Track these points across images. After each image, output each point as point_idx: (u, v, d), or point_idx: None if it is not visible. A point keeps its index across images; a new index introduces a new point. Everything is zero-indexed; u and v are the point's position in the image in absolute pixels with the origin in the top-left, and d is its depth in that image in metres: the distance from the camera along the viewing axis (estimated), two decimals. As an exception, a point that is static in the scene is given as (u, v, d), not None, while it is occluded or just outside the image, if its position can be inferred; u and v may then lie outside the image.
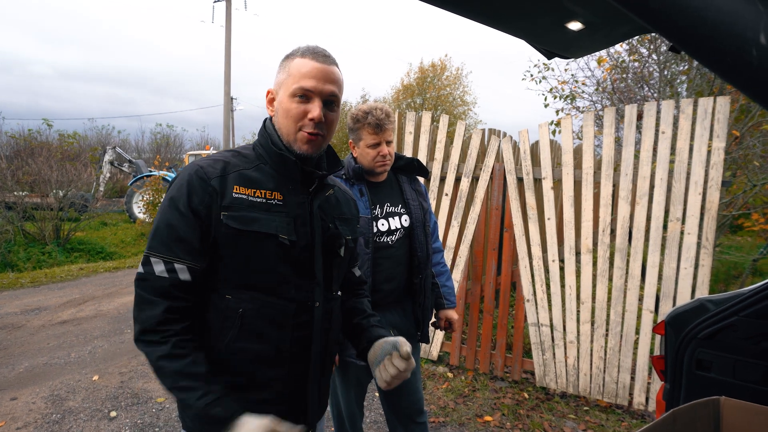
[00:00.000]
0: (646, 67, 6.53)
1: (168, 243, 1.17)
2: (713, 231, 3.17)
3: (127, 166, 17.92)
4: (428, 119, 4.12)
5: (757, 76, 0.29)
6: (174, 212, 1.17)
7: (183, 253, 1.17)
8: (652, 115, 3.31)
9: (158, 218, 1.20)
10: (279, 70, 1.29)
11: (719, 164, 3.10)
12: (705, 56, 0.31)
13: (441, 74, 27.25)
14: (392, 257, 2.10)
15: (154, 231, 1.19)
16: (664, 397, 1.64)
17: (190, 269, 1.17)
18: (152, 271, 1.16)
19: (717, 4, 0.29)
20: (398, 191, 2.18)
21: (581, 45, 1.34)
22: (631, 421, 3.34)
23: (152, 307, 1.14)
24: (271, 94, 1.31)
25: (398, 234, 2.12)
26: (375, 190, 2.12)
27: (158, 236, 1.18)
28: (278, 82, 1.28)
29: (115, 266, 8.53)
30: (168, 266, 1.16)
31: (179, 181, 1.20)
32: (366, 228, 2.02)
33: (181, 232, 1.17)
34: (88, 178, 13.94)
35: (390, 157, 2.05)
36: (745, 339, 1.32)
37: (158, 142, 28.58)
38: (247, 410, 1.15)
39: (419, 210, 2.18)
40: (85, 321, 5.39)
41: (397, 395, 2.20)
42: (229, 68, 20.30)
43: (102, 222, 14.16)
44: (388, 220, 2.10)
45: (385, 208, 2.11)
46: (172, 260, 1.16)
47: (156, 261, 1.16)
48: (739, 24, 0.29)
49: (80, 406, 3.48)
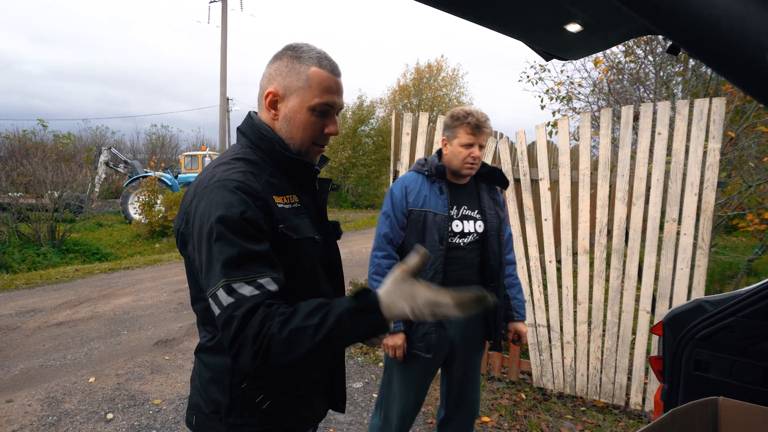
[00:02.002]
0: (642, 68, 6.56)
1: (242, 264, 1.04)
2: (709, 232, 3.18)
3: (123, 166, 17.87)
4: (425, 120, 4.12)
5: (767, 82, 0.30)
6: (233, 232, 1.05)
7: (261, 267, 1.06)
8: (649, 116, 3.32)
9: (216, 245, 1.05)
10: (287, 71, 1.19)
11: (715, 165, 3.11)
12: (718, 63, 0.32)
13: (437, 75, 27.28)
14: (463, 259, 2.11)
15: (224, 260, 1.04)
16: (662, 397, 1.65)
17: (274, 279, 1.06)
18: (243, 295, 1.02)
19: (731, 11, 0.29)
20: (476, 197, 2.19)
21: (579, 47, 1.35)
22: (627, 422, 3.35)
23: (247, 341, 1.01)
24: (274, 96, 1.21)
25: (470, 238, 2.13)
26: (454, 191, 2.15)
27: (228, 262, 1.04)
28: (289, 87, 1.19)
29: (111, 267, 8.50)
30: (255, 284, 1.04)
31: (225, 199, 1.07)
32: (442, 225, 2.06)
33: (249, 249, 1.05)
34: (84, 179, 13.90)
35: (479, 161, 2.07)
36: (743, 339, 1.33)
37: (154, 142, 28.51)
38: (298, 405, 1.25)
39: (495, 219, 2.18)
40: (81, 322, 5.37)
41: (466, 391, 2.30)
42: (225, 69, 20.28)
43: (97, 223, 14.12)
44: (463, 222, 2.12)
45: (462, 211, 2.13)
46: (253, 278, 1.04)
47: (239, 285, 1.03)
48: (753, 31, 0.29)
49: (76, 408, 3.46)
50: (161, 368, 4.17)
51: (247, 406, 1.20)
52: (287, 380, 1.24)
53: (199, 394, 1.27)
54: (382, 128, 22.70)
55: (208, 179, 1.13)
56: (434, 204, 2.10)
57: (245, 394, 1.19)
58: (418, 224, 2.11)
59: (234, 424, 1.20)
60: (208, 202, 1.08)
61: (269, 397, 1.21)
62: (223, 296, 1.02)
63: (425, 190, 2.13)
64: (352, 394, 3.74)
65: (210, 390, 1.23)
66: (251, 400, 1.20)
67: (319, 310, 1.01)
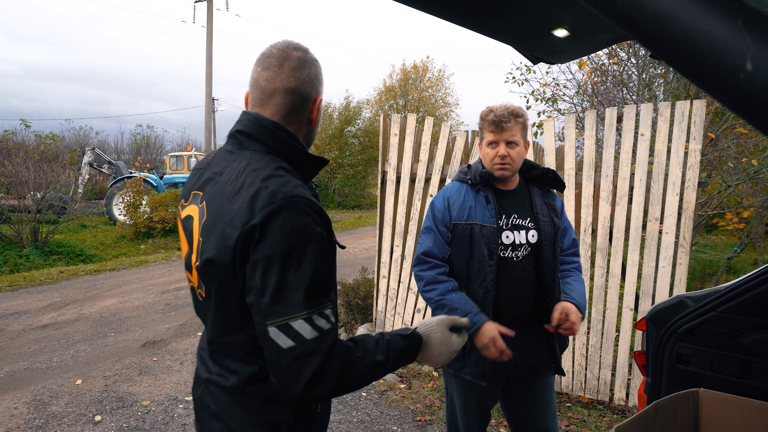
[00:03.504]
0: (625, 70, 6.67)
1: (316, 295, 1.02)
2: (690, 230, 3.26)
3: (107, 167, 17.66)
4: (413, 121, 4.16)
5: (744, 98, 0.35)
6: (310, 259, 1.01)
7: (326, 296, 1.06)
8: (632, 118, 3.40)
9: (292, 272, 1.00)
10: (315, 74, 1.19)
11: (696, 165, 3.19)
12: (696, 77, 0.37)
13: (423, 76, 27.40)
14: (516, 276, 1.90)
15: (306, 289, 1.00)
16: (646, 390, 1.70)
17: (332, 308, 1.06)
18: (322, 328, 1.01)
19: (709, 32, 0.35)
20: (528, 203, 1.97)
21: (566, 51, 1.39)
22: (612, 417, 3.42)
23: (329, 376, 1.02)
24: (319, 99, 1.21)
25: (523, 250, 1.92)
26: (503, 199, 1.95)
27: (308, 292, 1.00)
28: (317, 89, 1.20)
29: (96, 269, 8.41)
30: (324, 316, 1.03)
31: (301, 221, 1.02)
32: (491, 238, 1.88)
33: (320, 278, 1.03)
34: (67, 180, 13.70)
35: (510, 160, 1.87)
36: (722, 333, 1.39)
37: (138, 143, 28.18)
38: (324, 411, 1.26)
39: (549, 226, 1.95)
40: (67, 325, 5.32)
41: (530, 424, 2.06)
42: (210, 69, 20.15)
43: (81, 224, 13.94)
44: (514, 233, 1.92)
45: (512, 220, 1.93)
46: (322, 309, 1.03)
47: (317, 317, 1.01)
48: (728, 51, 0.34)
49: (64, 410, 3.44)
50: (149, 369, 4.15)
51: (309, 415, 1.19)
52: None
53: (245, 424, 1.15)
54: (368, 129, 22.72)
55: (268, 195, 1.02)
56: (480, 215, 1.91)
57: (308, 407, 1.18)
58: (464, 239, 1.93)
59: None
60: (282, 223, 1.00)
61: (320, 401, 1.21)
62: (305, 328, 0.99)
63: (470, 200, 1.95)
64: (342, 393, 3.76)
65: (269, 412, 1.15)
66: (313, 408, 1.19)
67: (381, 346, 1.11)
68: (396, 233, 4.27)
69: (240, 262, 1.03)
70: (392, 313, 4.32)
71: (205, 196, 1.14)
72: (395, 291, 4.30)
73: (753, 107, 0.36)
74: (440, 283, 1.92)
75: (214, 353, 1.19)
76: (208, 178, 1.16)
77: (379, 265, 4.38)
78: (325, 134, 21.03)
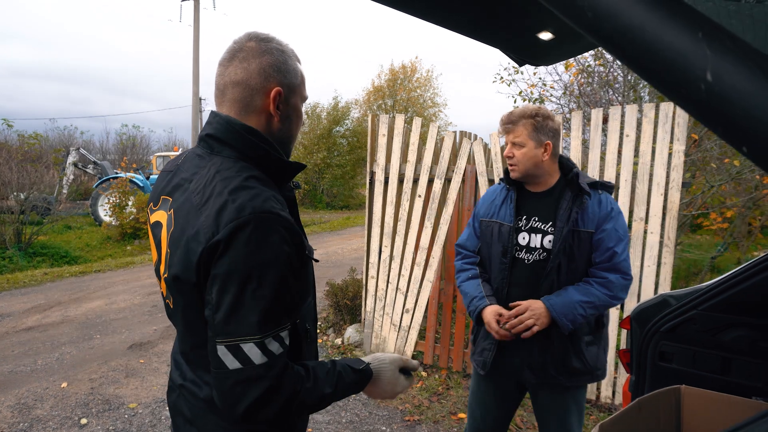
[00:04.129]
0: (611, 71, 6.75)
1: (273, 318, 0.98)
2: (674, 230, 3.31)
3: (92, 167, 17.43)
4: (401, 121, 4.17)
5: (705, 106, 0.37)
6: (272, 281, 0.96)
7: (285, 318, 1.01)
8: (617, 119, 3.44)
9: (249, 292, 0.95)
10: (286, 69, 1.10)
11: (680, 166, 3.24)
12: (661, 85, 0.39)
13: (411, 76, 27.45)
14: (526, 278, 1.90)
15: (261, 312, 0.95)
16: (630, 388, 1.73)
17: (288, 330, 1.03)
18: (273, 353, 0.97)
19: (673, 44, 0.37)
20: (554, 207, 1.89)
21: (551, 53, 1.41)
22: (599, 415, 3.46)
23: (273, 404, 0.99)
24: (281, 95, 1.09)
25: (537, 254, 1.89)
26: (528, 200, 1.95)
27: (264, 315, 0.96)
28: (290, 84, 1.11)
29: (82, 270, 8.31)
30: (279, 339, 0.99)
31: (267, 239, 0.96)
32: (506, 237, 1.91)
33: (282, 300, 0.99)
34: (51, 180, 13.53)
35: (516, 161, 1.88)
36: (704, 331, 1.41)
37: (124, 143, 27.92)
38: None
39: (568, 234, 1.82)
40: (52, 327, 5.25)
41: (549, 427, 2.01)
42: (197, 68, 20.00)
43: (66, 225, 13.75)
44: (531, 235, 1.90)
45: (531, 222, 1.91)
46: (278, 332, 0.99)
47: (269, 341, 0.97)
48: (689, 62, 0.36)
49: (49, 414, 3.40)
50: (136, 372, 4.12)
51: (284, 428, 1.18)
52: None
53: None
54: (357, 129, 22.70)
55: (235, 209, 0.96)
56: (503, 214, 1.96)
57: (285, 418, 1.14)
58: (487, 236, 2.01)
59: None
60: (247, 239, 0.94)
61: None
62: (255, 353, 0.95)
63: (498, 199, 2.01)
64: (331, 393, 3.76)
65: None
66: (288, 422, 1.17)
67: (330, 377, 1.10)
68: (384, 234, 4.28)
69: (203, 278, 0.99)
70: (381, 314, 4.32)
71: (174, 203, 1.08)
72: (384, 291, 4.31)
73: (713, 116, 0.38)
74: (464, 271, 2.09)
75: (188, 362, 1.17)
76: (178, 184, 1.10)
77: (368, 265, 4.39)
78: (313, 134, 20.97)
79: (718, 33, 0.38)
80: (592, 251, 1.84)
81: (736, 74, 0.36)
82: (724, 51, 0.37)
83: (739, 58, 0.37)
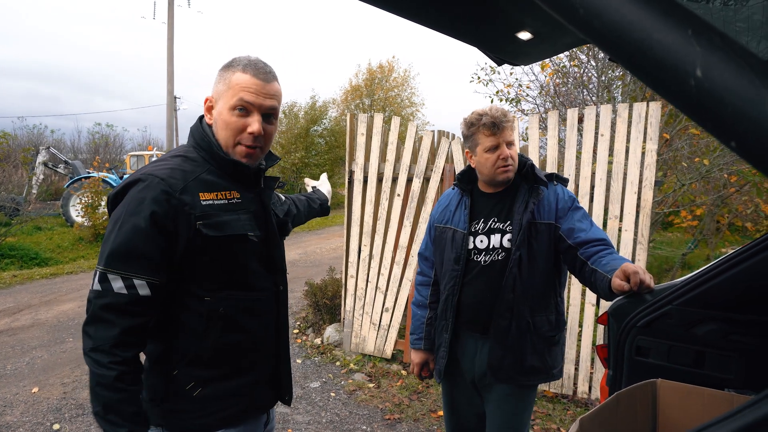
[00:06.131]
0: (586, 72, 6.86)
1: (127, 260, 1.15)
2: (648, 228, 3.38)
3: (63, 167, 16.97)
4: (380, 121, 4.17)
5: (695, 102, 0.38)
6: (134, 228, 1.15)
7: (142, 269, 1.16)
8: (592, 119, 3.50)
9: (115, 234, 1.16)
10: (218, 80, 1.30)
11: (652, 165, 3.32)
12: (651, 82, 0.39)
13: (389, 75, 27.45)
14: (483, 280, 1.84)
15: (113, 248, 1.15)
16: (608, 383, 1.75)
17: (149, 284, 1.17)
18: (110, 288, 1.14)
19: (663, 41, 0.37)
20: (510, 204, 1.85)
21: (529, 53, 1.43)
22: (576, 410, 3.51)
23: (108, 327, 1.13)
24: (209, 102, 1.34)
25: (494, 255, 1.83)
26: (486, 202, 1.89)
27: (116, 253, 1.15)
28: (218, 92, 1.30)
29: (53, 272, 8.10)
30: (127, 282, 1.15)
31: (138, 196, 1.17)
32: (459, 242, 1.86)
33: (141, 248, 1.16)
34: (20, 180, 13.15)
35: (513, 161, 1.80)
36: (679, 326, 1.45)
37: (97, 142, 27.23)
38: (236, 395, 1.30)
39: (525, 228, 1.77)
40: (22, 331, 5.11)
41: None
42: (171, 66, 19.67)
43: (36, 226, 13.36)
44: (489, 237, 1.85)
45: (490, 224, 1.86)
46: (131, 276, 1.15)
47: (114, 278, 1.14)
48: (680, 59, 0.37)
49: (19, 420, 3.31)
50: (111, 375, 4.03)
51: (181, 393, 1.25)
52: (221, 371, 1.29)
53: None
54: (334, 128, 22.61)
55: (138, 171, 1.23)
56: (457, 219, 1.91)
57: (178, 381, 1.25)
58: (441, 242, 1.96)
59: (170, 410, 1.26)
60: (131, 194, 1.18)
61: (200, 386, 1.26)
62: (95, 280, 1.15)
63: (453, 204, 1.96)
64: (310, 393, 3.74)
65: (148, 376, 1.28)
66: (183, 387, 1.25)
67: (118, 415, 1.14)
68: (364, 233, 4.27)
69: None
70: (360, 313, 4.32)
71: None
72: (363, 290, 4.30)
73: (702, 111, 0.39)
74: (417, 291, 2.13)
75: None
76: None
77: (347, 264, 4.38)
78: (290, 134, 20.81)
79: (706, 30, 0.39)
80: (551, 245, 1.79)
81: (725, 70, 0.37)
82: (713, 48, 0.38)
83: (728, 54, 0.37)
